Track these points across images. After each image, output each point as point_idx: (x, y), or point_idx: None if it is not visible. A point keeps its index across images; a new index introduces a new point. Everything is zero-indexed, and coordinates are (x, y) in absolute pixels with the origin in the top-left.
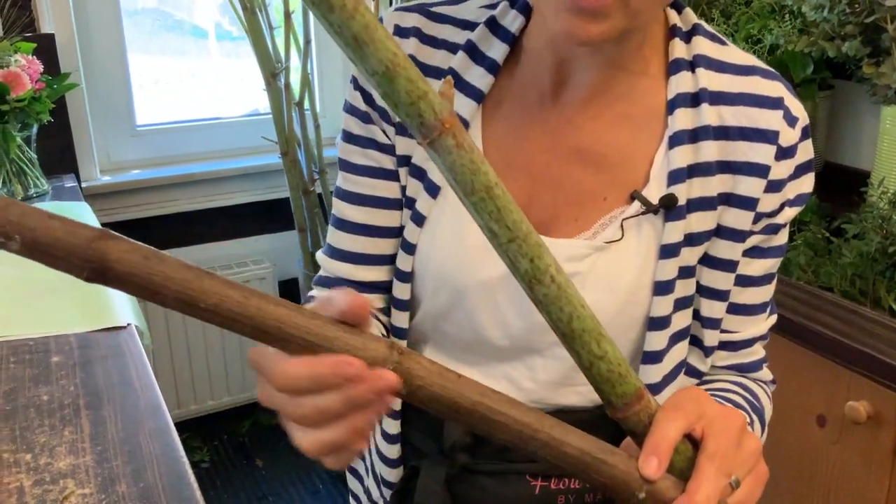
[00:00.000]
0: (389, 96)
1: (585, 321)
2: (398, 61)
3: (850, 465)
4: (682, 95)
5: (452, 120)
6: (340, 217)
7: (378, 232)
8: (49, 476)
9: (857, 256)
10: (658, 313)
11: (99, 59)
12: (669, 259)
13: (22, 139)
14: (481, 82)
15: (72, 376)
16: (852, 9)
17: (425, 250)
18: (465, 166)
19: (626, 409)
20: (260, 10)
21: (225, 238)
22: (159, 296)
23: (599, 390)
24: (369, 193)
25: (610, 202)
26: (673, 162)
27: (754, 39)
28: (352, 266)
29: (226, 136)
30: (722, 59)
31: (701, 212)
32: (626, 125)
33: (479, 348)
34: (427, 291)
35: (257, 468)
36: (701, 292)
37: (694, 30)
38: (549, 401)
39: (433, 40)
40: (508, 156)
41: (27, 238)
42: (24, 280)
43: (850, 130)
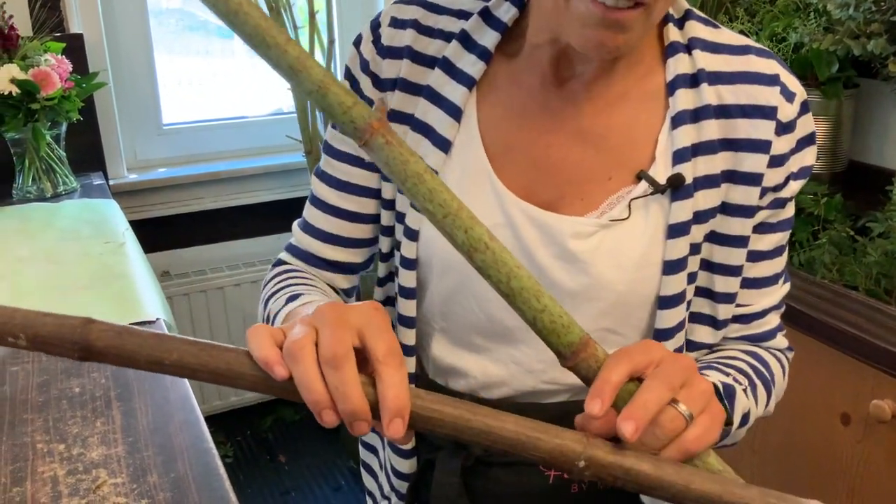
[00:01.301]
0: (326, 110)
1: (522, 280)
2: (328, 81)
3: (874, 464)
4: (682, 76)
5: (381, 123)
6: (316, 195)
7: (349, 216)
8: (82, 466)
9: (882, 255)
10: (669, 292)
11: (126, 58)
12: (679, 238)
13: (51, 137)
14: (473, 69)
15: (103, 369)
16: (878, 7)
17: (428, 235)
18: (396, 159)
19: (573, 357)
20: (284, 11)
21: (249, 236)
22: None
23: (548, 343)
24: (345, 179)
25: (615, 182)
26: (677, 142)
27: (779, 38)
28: (321, 244)
29: (250, 135)
30: (716, 40)
31: (706, 189)
32: (626, 106)
33: (488, 330)
34: (433, 276)
35: (280, 464)
36: (714, 269)
37: (686, 15)
38: (561, 380)
39: (430, 30)
40: (508, 138)
41: (30, 335)
42: (59, 276)
43: (875, 129)
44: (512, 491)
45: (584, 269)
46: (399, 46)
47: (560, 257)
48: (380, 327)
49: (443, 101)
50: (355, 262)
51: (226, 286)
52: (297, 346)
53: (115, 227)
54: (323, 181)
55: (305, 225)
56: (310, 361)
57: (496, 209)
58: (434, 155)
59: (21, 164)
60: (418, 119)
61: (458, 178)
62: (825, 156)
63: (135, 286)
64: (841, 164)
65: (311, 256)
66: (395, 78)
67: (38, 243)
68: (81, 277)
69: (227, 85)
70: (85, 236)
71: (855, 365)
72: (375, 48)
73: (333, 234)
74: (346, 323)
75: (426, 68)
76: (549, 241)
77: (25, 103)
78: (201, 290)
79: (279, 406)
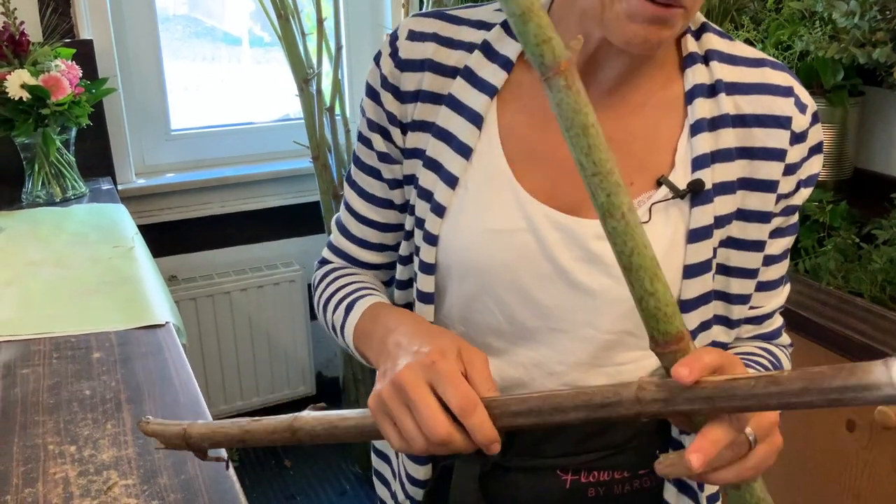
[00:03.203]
0: (522, 36)
1: (644, 259)
2: (534, 10)
3: (879, 470)
4: (700, 86)
5: (568, 65)
6: (349, 202)
7: (377, 226)
8: (93, 467)
9: (887, 262)
10: (689, 296)
11: (136, 64)
12: (701, 242)
13: (61, 142)
14: (495, 78)
15: (113, 372)
16: (883, 15)
17: (448, 239)
18: (569, 105)
19: (665, 346)
20: (293, 17)
21: (256, 241)
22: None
23: (646, 324)
24: (369, 191)
25: (636, 187)
26: (696, 149)
27: (784, 46)
28: (358, 248)
29: (258, 140)
30: (733, 52)
31: (724, 195)
32: (647, 113)
33: (509, 332)
34: (453, 281)
35: (286, 468)
36: (731, 273)
37: (703, 27)
38: (580, 382)
39: (450, 41)
40: (530, 145)
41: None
42: (69, 280)
43: (880, 136)
44: (529, 496)
45: (607, 271)
46: (419, 59)
47: (583, 259)
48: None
49: (464, 108)
50: (388, 262)
51: (233, 291)
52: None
53: (124, 232)
54: (353, 188)
55: (341, 226)
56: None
57: (517, 214)
58: (455, 161)
59: (31, 168)
60: (440, 126)
61: (480, 184)
62: (831, 163)
63: (144, 290)
64: (846, 172)
65: (348, 256)
66: (416, 90)
67: (47, 247)
68: (90, 281)
69: (234, 91)
70: (94, 241)
71: None
72: (393, 62)
73: (367, 240)
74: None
75: (448, 78)
76: (573, 244)
77: (36, 108)
78: (208, 295)
79: (285, 411)
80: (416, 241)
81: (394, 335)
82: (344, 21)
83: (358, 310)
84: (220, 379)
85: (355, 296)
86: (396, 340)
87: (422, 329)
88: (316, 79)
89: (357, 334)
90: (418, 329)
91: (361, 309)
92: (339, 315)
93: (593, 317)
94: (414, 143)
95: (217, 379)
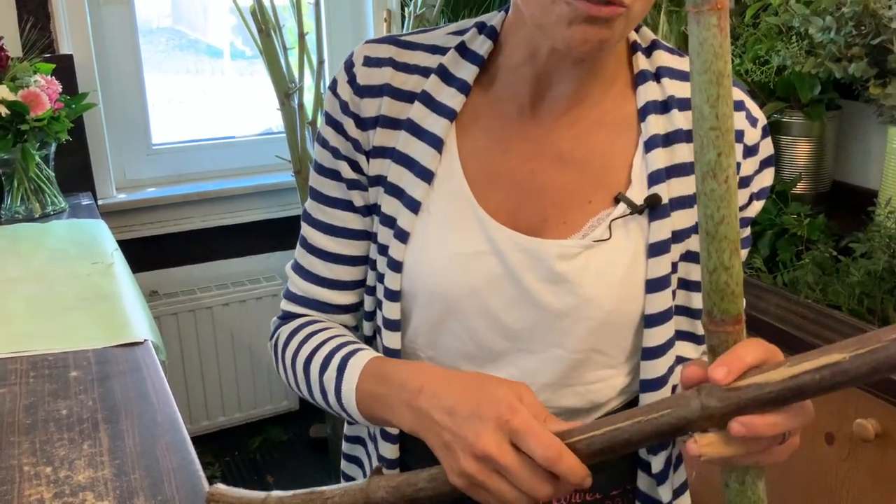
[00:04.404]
0: None
1: (731, 231)
2: None
3: (858, 483)
4: (652, 103)
5: (724, 4)
6: (313, 244)
7: (350, 261)
8: (69, 489)
9: (864, 275)
10: (653, 310)
11: (116, 79)
12: (661, 256)
13: (40, 157)
14: (453, 101)
15: (90, 391)
16: (858, 31)
17: (413, 265)
18: (713, 47)
19: (721, 324)
20: (274, 32)
21: (238, 255)
22: None
23: (708, 297)
24: (341, 225)
25: (595, 205)
26: (651, 164)
27: (762, 60)
28: (328, 291)
29: (240, 154)
30: (683, 68)
31: (682, 210)
32: (602, 132)
33: (477, 356)
34: (419, 307)
35: (268, 484)
36: (691, 287)
37: (653, 45)
38: (550, 403)
39: (406, 66)
40: (491, 167)
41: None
42: (48, 297)
43: (857, 150)
44: None
45: (572, 290)
46: (377, 84)
47: (547, 280)
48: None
49: (424, 133)
50: (360, 302)
51: (214, 306)
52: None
53: (104, 248)
54: (316, 228)
55: (304, 272)
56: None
57: (481, 237)
58: (418, 187)
59: (10, 184)
60: (401, 152)
61: (443, 209)
62: (809, 176)
63: (123, 307)
64: (825, 185)
65: (316, 303)
66: (375, 116)
67: (26, 264)
68: (69, 298)
69: (216, 105)
70: (73, 257)
71: None
72: (352, 88)
73: (339, 280)
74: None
75: (405, 103)
76: (537, 265)
77: (15, 124)
78: (190, 310)
79: (267, 426)
80: (380, 269)
81: (427, 398)
82: (326, 35)
83: (353, 369)
84: (202, 394)
85: (343, 352)
86: (440, 406)
87: (456, 383)
88: (298, 93)
89: (362, 397)
90: (451, 384)
91: (358, 368)
92: (330, 377)
93: (560, 337)
94: (377, 171)
95: (199, 394)
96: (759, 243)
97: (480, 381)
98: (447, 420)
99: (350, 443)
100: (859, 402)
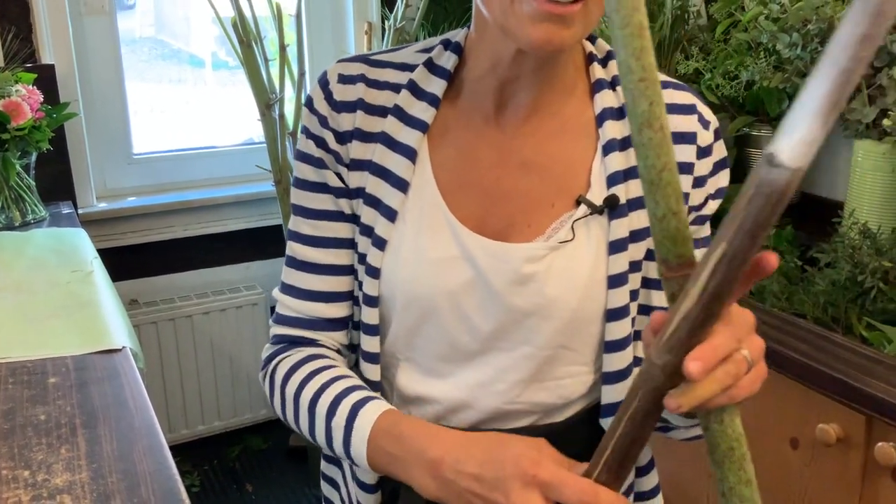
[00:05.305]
0: None
1: (674, 178)
2: None
3: (821, 486)
4: (609, 109)
5: None
6: (303, 259)
7: (342, 270)
8: (46, 492)
9: (829, 285)
10: (615, 305)
11: (97, 89)
12: (619, 254)
13: (21, 166)
14: (425, 115)
15: (68, 397)
16: (824, 47)
17: (390, 271)
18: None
19: (678, 269)
20: (256, 43)
21: (218, 264)
22: None
23: (660, 246)
24: (331, 236)
25: (558, 208)
26: (609, 167)
27: (732, 75)
28: (323, 305)
29: (221, 164)
30: None
31: (640, 210)
32: (563, 138)
33: (452, 357)
34: (396, 311)
35: (247, 493)
36: (650, 285)
37: (608, 55)
38: (522, 398)
39: (377, 83)
40: (460, 176)
41: None
42: (27, 306)
43: (826, 163)
44: None
45: (539, 291)
46: (351, 100)
47: (515, 282)
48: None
49: (398, 145)
50: (352, 315)
51: (194, 314)
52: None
53: (83, 256)
54: (304, 243)
55: (295, 290)
56: None
57: (452, 243)
58: (394, 196)
59: None
60: (377, 164)
61: (417, 217)
62: None
63: (101, 314)
64: (794, 197)
65: (311, 321)
66: (351, 130)
67: (7, 273)
68: (49, 306)
69: (198, 114)
70: (53, 265)
71: (803, 391)
72: (329, 104)
73: (334, 292)
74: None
75: (378, 117)
76: (505, 268)
77: None
78: (170, 319)
79: (246, 435)
80: (360, 276)
81: (451, 469)
82: (307, 47)
83: (364, 421)
84: (182, 403)
85: (353, 400)
86: (466, 473)
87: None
88: (278, 103)
89: (374, 453)
90: (471, 450)
91: (369, 421)
92: (339, 424)
93: (529, 335)
94: (356, 183)
95: (178, 403)
96: None
97: (499, 441)
98: (476, 486)
99: (328, 462)
100: (822, 407)
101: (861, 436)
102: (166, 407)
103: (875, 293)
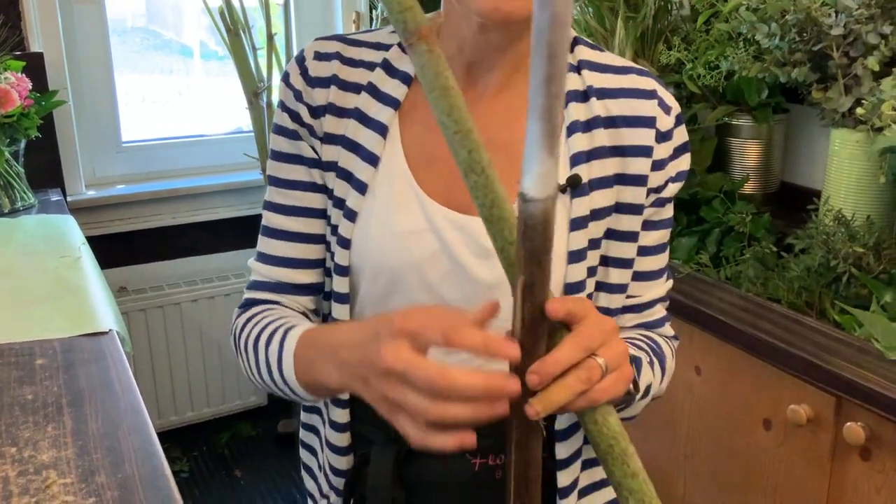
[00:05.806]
0: (386, 4)
1: (504, 211)
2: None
3: (793, 466)
4: (573, 92)
5: (428, 32)
6: (275, 227)
7: (312, 239)
8: (33, 467)
9: (803, 270)
10: (573, 279)
11: (87, 76)
12: (579, 231)
13: (10, 154)
14: (397, 92)
15: (55, 378)
16: (801, 37)
17: (360, 243)
18: (430, 68)
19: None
20: (243, 32)
21: (207, 252)
22: None
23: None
24: (301, 205)
25: None
26: (572, 147)
27: (713, 65)
28: (291, 270)
29: (209, 152)
30: (602, 62)
31: (601, 190)
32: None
33: None
34: (365, 280)
35: (236, 479)
36: (609, 263)
37: (575, 41)
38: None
39: (352, 61)
40: (429, 151)
41: None
42: (16, 291)
43: (804, 152)
44: (441, 479)
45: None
46: (326, 76)
47: (480, 255)
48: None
49: (371, 121)
50: (322, 283)
51: (182, 302)
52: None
53: (72, 242)
54: (279, 212)
55: (266, 257)
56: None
57: (420, 216)
58: (365, 170)
59: None
60: (349, 138)
61: (386, 190)
62: (758, 177)
63: (89, 299)
64: (773, 185)
65: (280, 285)
66: (325, 104)
67: None
68: (37, 291)
69: (187, 103)
70: (41, 251)
71: (775, 373)
72: (304, 80)
73: (301, 258)
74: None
75: (351, 93)
76: (470, 241)
77: None
78: (158, 306)
79: (235, 421)
80: (331, 247)
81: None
82: (295, 36)
83: (291, 341)
84: (171, 390)
85: (286, 326)
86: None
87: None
88: (266, 92)
89: (298, 363)
90: (360, 326)
91: (295, 338)
92: (273, 350)
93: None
94: (329, 157)
95: (167, 390)
96: (707, 241)
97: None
98: (357, 354)
99: (306, 430)
100: (794, 388)
101: (831, 416)
102: (155, 393)
103: (847, 278)
